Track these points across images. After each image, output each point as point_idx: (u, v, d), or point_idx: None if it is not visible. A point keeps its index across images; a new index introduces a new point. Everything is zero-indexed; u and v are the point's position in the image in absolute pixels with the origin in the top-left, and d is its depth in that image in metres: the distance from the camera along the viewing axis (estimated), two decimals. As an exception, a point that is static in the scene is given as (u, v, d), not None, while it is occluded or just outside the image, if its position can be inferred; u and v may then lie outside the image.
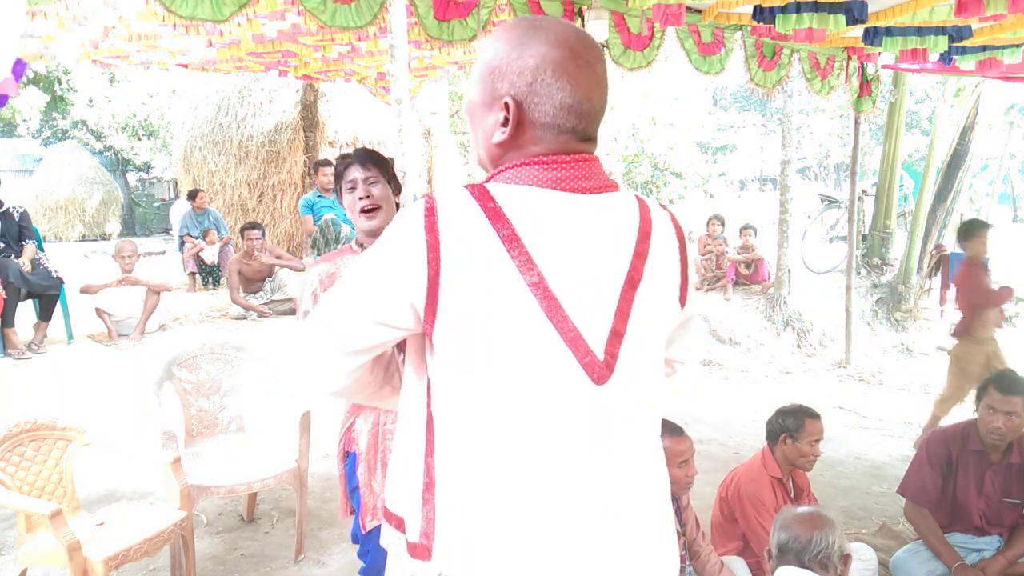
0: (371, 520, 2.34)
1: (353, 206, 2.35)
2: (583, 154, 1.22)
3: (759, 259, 9.03)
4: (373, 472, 2.34)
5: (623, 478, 1.21)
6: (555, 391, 1.16)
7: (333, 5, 3.43)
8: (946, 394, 5.19)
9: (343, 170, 2.38)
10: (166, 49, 5.08)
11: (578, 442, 1.18)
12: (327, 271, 2.35)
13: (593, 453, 1.18)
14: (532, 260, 1.14)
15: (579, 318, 1.16)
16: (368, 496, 2.34)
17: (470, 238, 1.14)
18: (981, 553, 3.11)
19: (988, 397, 3.03)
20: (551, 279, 1.15)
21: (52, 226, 17.26)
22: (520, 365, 1.15)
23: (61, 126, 20.98)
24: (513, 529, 1.16)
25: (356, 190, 2.34)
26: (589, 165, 1.22)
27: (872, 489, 4.34)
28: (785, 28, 3.92)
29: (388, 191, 2.38)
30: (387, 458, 2.32)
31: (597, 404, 1.18)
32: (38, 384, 5.33)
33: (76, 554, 2.56)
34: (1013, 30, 4.19)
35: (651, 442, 1.27)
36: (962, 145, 8.83)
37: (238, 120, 10.53)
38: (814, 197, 13.10)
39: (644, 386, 1.23)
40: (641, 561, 1.22)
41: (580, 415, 1.17)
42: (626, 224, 1.22)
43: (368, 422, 2.35)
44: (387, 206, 2.36)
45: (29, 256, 6.16)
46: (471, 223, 1.15)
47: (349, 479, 2.42)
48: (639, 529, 1.23)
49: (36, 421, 2.95)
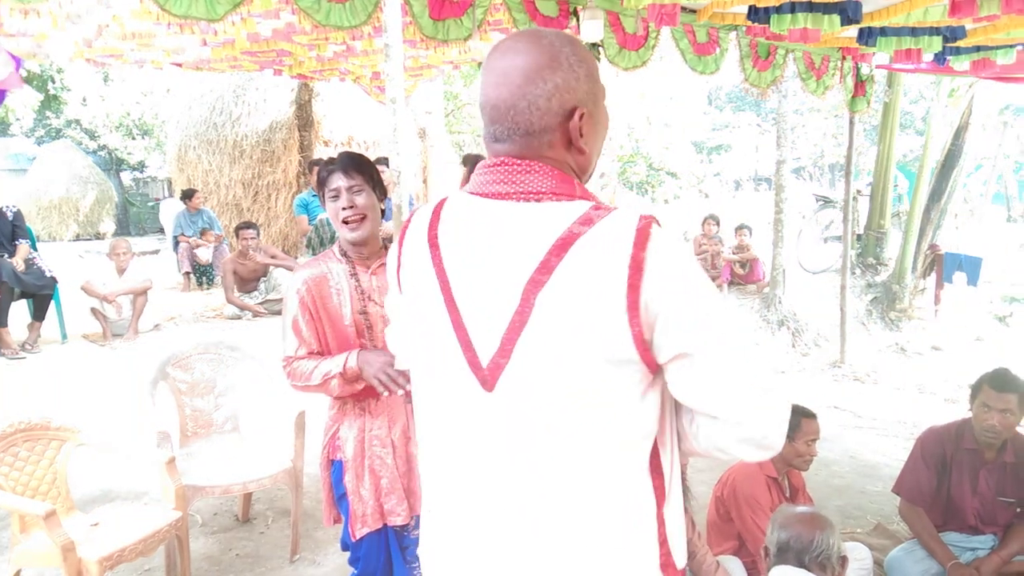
0: (361, 528, 2.31)
1: (336, 216, 2.30)
2: (501, 157, 1.21)
3: (754, 259, 9.05)
4: (361, 479, 2.31)
5: (517, 484, 1.19)
6: (450, 394, 1.24)
7: (327, 4, 3.41)
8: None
9: (326, 177, 2.31)
10: (160, 48, 5.06)
11: (471, 446, 1.22)
12: (313, 275, 2.30)
13: (484, 457, 1.21)
14: (443, 265, 1.21)
15: (473, 323, 1.19)
16: (357, 504, 2.31)
17: (415, 243, 1.26)
18: (975, 552, 3.12)
19: (983, 395, 3.03)
20: (455, 284, 1.20)
21: (46, 225, 17.18)
22: (427, 367, 1.27)
23: (55, 125, 20.89)
24: (432, 525, 1.32)
25: (339, 199, 2.27)
26: (504, 170, 1.20)
27: (867, 488, 4.35)
28: (780, 28, 3.93)
29: (373, 199, 2.31)
30: (374, 465, 2.32)
31: (487, 409, 1.20)
32: (32, 384, 5.31)
33: (70, 554, 2.55)
34: (1007, 31, 4.20)
35: (558, 451, 1.17)
36: (956, 145, 8.86)
37: (232, 119, 10.52)
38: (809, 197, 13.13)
39: (544, 396, 1.15)
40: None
41: (471, 419, 1.22)
42: (541, 234, 1.14)
43: (353, 429, 2.33)
44: (372, 215, 2.30)
45: (23, 256, 6.14)
46: (419, 229, 1.27)
47: (336, 487, 2.39)
48: (534, 538, 1.19)
49: (30, 421, 2.94)
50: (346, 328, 2.29)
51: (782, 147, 8.43)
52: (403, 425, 2.35)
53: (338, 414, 2.37)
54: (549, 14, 4.15)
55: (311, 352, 2.28)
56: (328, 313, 2.28)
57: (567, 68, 1.18)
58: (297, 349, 2.27)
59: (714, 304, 1.14)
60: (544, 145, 1.20)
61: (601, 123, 1.27)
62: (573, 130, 1.20)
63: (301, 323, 2.27)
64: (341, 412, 2.37)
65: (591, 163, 1.27)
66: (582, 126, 1.20)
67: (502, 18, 4.05)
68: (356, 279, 2.31)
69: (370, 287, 2.32)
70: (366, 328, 2.29)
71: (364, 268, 2.33)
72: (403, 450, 2.35)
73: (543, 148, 1.20)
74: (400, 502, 2.31)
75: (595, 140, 1.25)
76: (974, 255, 9.08)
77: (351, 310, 2.28)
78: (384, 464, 2.32)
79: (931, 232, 9.14)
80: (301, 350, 2.27)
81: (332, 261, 2.35)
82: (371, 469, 2.31)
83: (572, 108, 1.19)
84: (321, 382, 2.22)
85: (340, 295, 2.29)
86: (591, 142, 1.24)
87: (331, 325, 2.29)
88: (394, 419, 2.35)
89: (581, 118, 1.19)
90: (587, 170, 1.27)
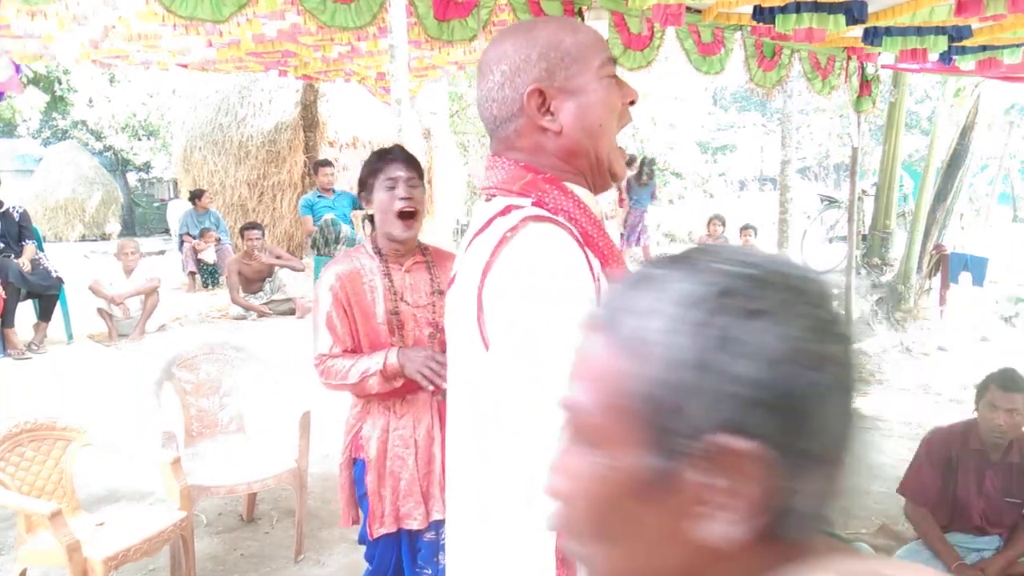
0: (378, 528, 2.27)
1: (390, 206, 2.17)
2: (491, 155, 1.24)
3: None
4: (383, 480, 2.26)
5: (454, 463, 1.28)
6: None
7: (333, 5, 3.42)
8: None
9: (382, 165, 2.19)
10: (166, 49, 5.08)
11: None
12: (346, 271, 2.23)
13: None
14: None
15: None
16: (376, 504, 2.27)
17: None
18: (981, 553, 3.11)
19: (989, 395, 3.02)
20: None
21: (52, 226, 17.24)
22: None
23: (61, 126, 20.96)
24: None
25: (397, 188, 2.16)
26: (487, 166, 1.24)
27: (871, 489, 4.34)
28: (785, 28, 3.92)
29: (424, 197, 2.24)
30: (394, 465, 2.27)
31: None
32: (38, 384, 5.33)
33: (76, 554, 2.56)
34: (1013, 30, 4.19)
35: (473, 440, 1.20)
36: (962, 145, 8.83)
37: (238, 120, 10.55)
38: (814, 197, 13.11)
39: (455, 387, 1.26)
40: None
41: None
42: (473, 233, 1.19)
43: (377, 428, 2.28)
44: (422, 214, 2.24)
45: (29, 256, 6.16)
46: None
47: (357, 486, 2.34)
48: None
49: (36, 421, 2.95)
50: (378, 326, 2.24)
51: (787, 147, 8.40)
52: (428, 425, 2.27)
53: (361, 412, 2.32)
54: (553, 15, 4.15)
55: (345, 350, 2.22)
56: (361, 310, 2.23)
57: (513, 52, 1.17)
58: (332, 347, 2.21)
59: (526, 313, 1.06)
60: (512, 135, 1.20)
61: (586, 95, 1.19)
62: (530, 112, 1.17)
63: (335, 320, 2.21)
64: (365, 411, 2.32)
65: (578, 142, 1.19)
66: (548, 105, 1.17)
67: (507, 19, 4.05)
68: (389, 277, 2.25)
69: (402, 285, 2.26)
70: (397, 327, 2.24)
71: (398, 266, 2.27)
72: (425, 451, 2.28)
73: (512, 139, 1.20)
74: (417, 506, 2.26)
75: (576, 116, 1.18)
76: (980, 255, 9.05)
77: (384, 308, 2.23)
78: (404, 464, 2.26)
79: (936, 232, 9.11)
80: (336, 348, 2.21)
81: (364, 257, 2.28)
82: (392, 470, 2.27)
83: (529, 90, 1.16)
84: (359, 380, 2.16)
85: (373, 292, 2.24)
86: (568, 119, 1.18)
87: (364, 322, 2.24)
88: (419, 419, 2.29)
89: (536, 96, 1.16)
90: (577, 151, 1.20)
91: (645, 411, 0.53)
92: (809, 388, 0.51)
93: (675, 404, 0.52)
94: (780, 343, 0.51)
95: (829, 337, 0.54)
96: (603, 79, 1.19)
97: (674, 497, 0.53)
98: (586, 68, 1.18)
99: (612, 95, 1.20)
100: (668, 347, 0.52)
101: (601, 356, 0.55)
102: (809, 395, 0.52)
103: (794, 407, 0.51)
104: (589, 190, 1.23)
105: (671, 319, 0.52)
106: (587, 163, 1.21)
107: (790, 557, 0.55)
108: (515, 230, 1.09)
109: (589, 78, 1.18)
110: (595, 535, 0.58)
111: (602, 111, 1.19)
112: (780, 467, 0.51)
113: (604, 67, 1.20)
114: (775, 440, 0.51)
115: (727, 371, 0.50)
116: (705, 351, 0.51)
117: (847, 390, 0.54)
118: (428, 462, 2.28)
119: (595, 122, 1.19)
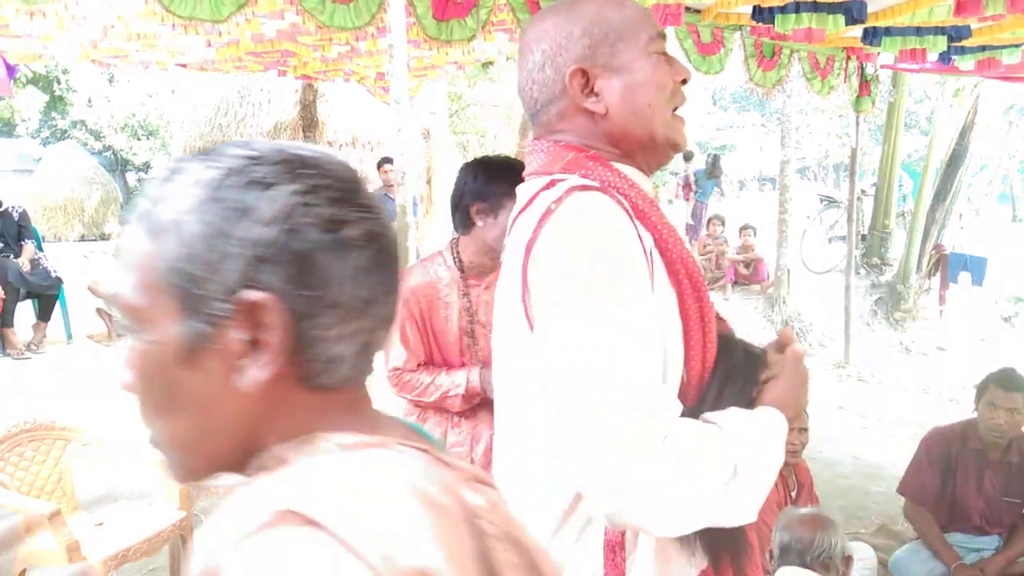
0: None
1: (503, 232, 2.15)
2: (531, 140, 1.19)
3: (758, 259, 9.04)
4: None
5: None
6: None
7: (332, 5, 3.42)
8: None
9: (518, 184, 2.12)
10: (165, 49, 5.07)
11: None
12: (420, 284, 2.16)
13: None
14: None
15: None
16: None
17: None
18: (980, 553, 3.11)
19: (989, 394, 3.03)
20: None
21: (51, 226, 17.21)
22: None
23: (60, 126, 20.95)
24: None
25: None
26: (527, 151, 1.19)
27: (871, 489, 4.34)
28: (784, 28, 3.92)
29: None
30: None
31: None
32: (37, 384, 5.33)
33: (75, 554, 2.55)
34: (1012, 30, 4.19)
35: (508, 434, 1.18)
36: (961, 145, 8.83)
37: (237, 120, 10.53)
38: (813, 197, 13.11)
39: (499, 382, 1.20)
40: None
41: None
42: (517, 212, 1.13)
43: (435, 433, 2.20)
44: None
45: (28, 256, 6.16)
46: None
47: None
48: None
49: (35, 421, 2.95)
50: (451, 343, 2.18)
51: (786, 147, 8.42)
52: (487, 444, 2.13)
53: (417, 419, 2.26)
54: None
55: (419, 364, 2.18)
56: (434, 325, 2.18)
57: (555, 30, 1.11)
58: (406, 361, 2.17)
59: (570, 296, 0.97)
60: (554, 119, 1.14)
61: (632, 73, 1.10)
62: (573, 93, 1.10)
63: (409, 334, 2.16)
64: (421, 418, 2.25)
65: (625, 124, 1.11)
66: (591, 85, 1.10)
67: (506, 18, 4.05)
68: (467, 296, 2.17)
69: (478, 302, 2.18)
70: (469, 346, 2.19)
71: (478, 282, 2.19)
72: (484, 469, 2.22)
73: (554, 122, 1.14)
74: None
75: (622, 96, 1.10)
76: (979, 255, 9.05)
77: (457, 327, 2.17)
78: None
79: (936, 232, 9.12)
80: (411, 362, 2.17)
81: (441, 267, 2.20)
82: None
83: (571, 70, 1.09)
84: (438, 399, 2.14)
85: (448, 308, 2.17)
86: (614, 100, 1.10)
87: (436, 338, 2.19)
88: (477, 437, 2.20)
89: (578, 76, 1.09)
90: (625, 133, 1.12)
91: (173, 285, 0.59)
92: (310, 243, 0.59)
93: (198, 273, 0.58)
94: (275, 207, 0.58)
95: (329, 201, 0.60)
96: (651, 56, 1.11)
97: (214, 357, 0.59)
98: (633, 44, 1.10)
99: (661, 73, 1.11)
100: (184, 224, 0.59)
101: (134, 245, 0.61)
102: (312, 249, 0.59)
103: (298, 261, 0.58)
104: (640, 170, 1.15)
105: (186, 199, 0.59)
106: (637, 145, 1.13)
107: (335, 407, 0.63)
108: (559, 201, 1.02)
109: (636, 55, 1.10)
110: (159, 413, 0.64)
111: (651, 90, 1.11)
112: (295, 314, 0.59)
113: (652, 43, 1.11)
114: (286, 290, 0.58)
115: (235, 236, 0.58)
116: (215, 222, 0.58)
117: (360, 246, 0.61)
118: None
119: (643, 102, 1.10)
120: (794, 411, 1.11)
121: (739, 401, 1.07)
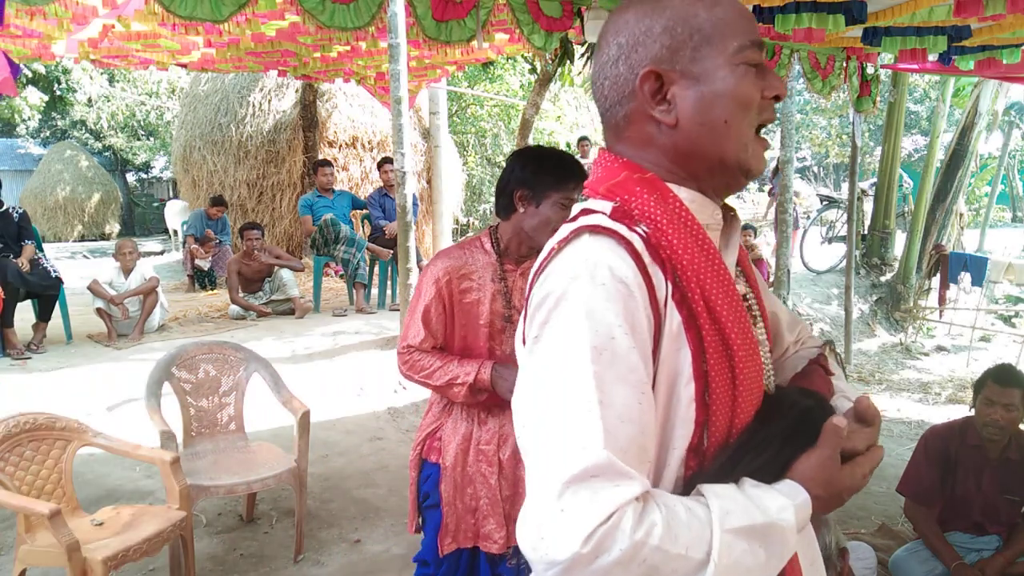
0: (450, 543, 2.14)
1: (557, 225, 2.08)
2: (601, 149, 1.09)
3: (758, 259, 9.04)
4: (460, 491, 2.13)
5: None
6: None
7: (332, 5, 3.43)
8: None
9: (562, 183, 2.03)
10: (165, 49, 5.08)
11: None
12: (455, 266, 2.11)
13: None
14: None
15: None
16: (451, 516, 2.14)
17: None
18: (980, 553, 3.11)
19: (986, 390, 3.02)
20: None
21: (51, 226, 17.26)
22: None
23: (60, 126, 20.98)
24: None
25: (568, 211, 1.97)
26: (594, 161, 1.08)
27: (871, 488, 4.34)
28: (784, 28, 3.93)
29: None
30: (476, 480, 2.14)
31: None
32: (37, 384, 5.33)
33: (75, 554, 2.55)
34: (1012, 30, 4.19)
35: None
36: (961, 145, 8.84)
37: (237, 120, 10.54)
38: (814, 197, 13.11)
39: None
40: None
41: None
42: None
43: (458, 435, 2.16)
44: None
45: (28, 256, 6.16)
46: None
47: (425, 491, 2.21)
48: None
49: (35, 421, 2.95)
50: (479, 328, 2.14)
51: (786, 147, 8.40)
52: (514, 444, 2.01)
53: (442, 413, 2.22)
54: (552, 15, 4.15)
55: (434, 346, 2.14)
56: (463, 309, 2.13)
57: (635, 22, 0.99)
58: (422, 341, 2.12)
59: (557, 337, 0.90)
60: (621, 122, 1.03)
61: (712, 83, 0.97)
62: (643, 97, 0.98)
63: (432, 315, 2.11)
64: (447, 412, 2.21)
65: (695, 140, 0.99)
66: (664, 91, 0.98)
67: (505, 19, 4.05)
68: (504, 281, 2.13)
69: (513, 286, 2.14)
70: (500, 331, 2.14)
71: (514, 267, 2.16)
72: (511, 473, 2.13)
73: (621, 127, 1.03)
74: (499, 528, 2.12)
75: (696, 108, 0.98)
76: (979, 255, 9.06)
77: (488, 310, 2.12)
78: (487, 484, 2.13)
79: (936, 232, 9.13)
80: (426, 343, 2.12)
81: (478, 252, 2.16)
82: (471, 482, 2.14)
83: (644, 71, 0.98)
84: (443, 384, 2.09)
85: (481, 291, 2.12)
86: (686, 111, 0.98)
87: (463, 322, 2.14)
88: (505, 437, 2.15)
89: (651, 80, 0.98)
90: (693, 151, 0.99)
91: None
92: None
93: None
94: None
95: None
96: (739, 66, 0.97)
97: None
98: (719, 50, 0.97)
99: (747, 86, 0.97)
100: None
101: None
102: None
103: None
104: (704, 194, 1.03)
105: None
106: (703, 165, 1.00)
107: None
108: (566, 242, 0.95)
109: (720, 63, 0.97)
110: None
111: (730, 105, 0.97)
112: None
113: (743, 52, 0.98)
114: None
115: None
116: None
117: None
118: (514, 484, 2.14)
119: (719, 117, 0.97)
120: (830, 490, 0.92)
121: (764, 471, 0.92)
